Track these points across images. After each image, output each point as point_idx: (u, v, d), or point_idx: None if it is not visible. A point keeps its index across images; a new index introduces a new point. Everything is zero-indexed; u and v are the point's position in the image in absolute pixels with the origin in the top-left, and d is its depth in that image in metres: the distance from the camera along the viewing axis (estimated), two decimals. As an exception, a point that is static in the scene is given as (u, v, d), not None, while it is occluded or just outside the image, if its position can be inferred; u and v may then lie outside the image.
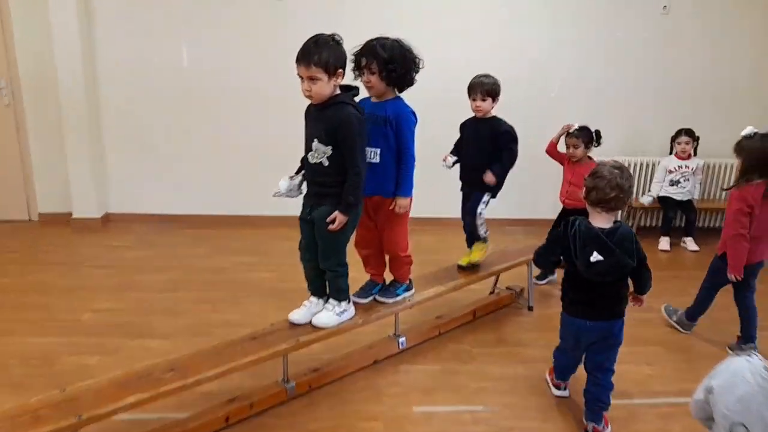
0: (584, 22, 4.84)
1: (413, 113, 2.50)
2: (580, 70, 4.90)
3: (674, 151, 4.78)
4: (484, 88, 2.95)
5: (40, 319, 3.16)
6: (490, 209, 3.19)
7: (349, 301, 2.51)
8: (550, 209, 4.10)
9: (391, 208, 2.51)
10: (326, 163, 2.26)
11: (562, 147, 3.77)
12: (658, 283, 3.79)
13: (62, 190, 4.79)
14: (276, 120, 4.59)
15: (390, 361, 2.82)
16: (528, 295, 3.50)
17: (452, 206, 3.29)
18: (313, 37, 2.18)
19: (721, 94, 5.07)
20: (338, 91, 2.27)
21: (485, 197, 3.09)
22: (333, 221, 2.26)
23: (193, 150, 4.87)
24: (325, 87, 2.19)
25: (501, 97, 3.04)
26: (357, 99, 2.37)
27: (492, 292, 3.61)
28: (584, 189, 2.26)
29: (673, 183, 4.76)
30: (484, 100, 2.97)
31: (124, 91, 4.75)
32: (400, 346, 2.87)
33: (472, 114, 3.08)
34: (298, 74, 2.19)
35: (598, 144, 3.65)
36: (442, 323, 3.11)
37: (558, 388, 2.63)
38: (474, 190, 3.09)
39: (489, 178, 2.97)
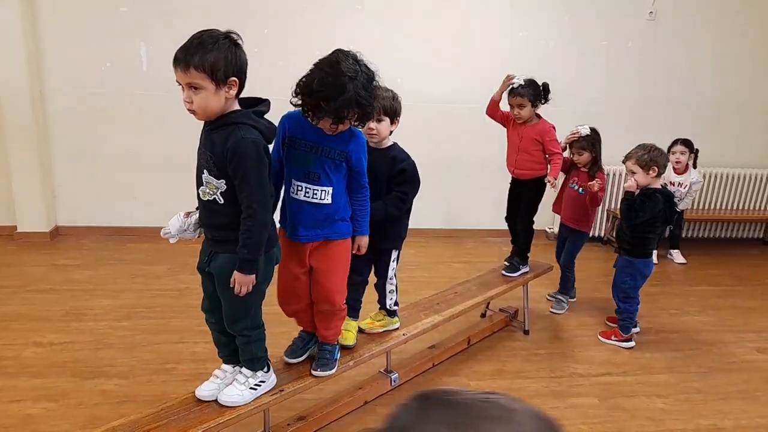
0: (572, 29, 4.68)
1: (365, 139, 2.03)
2: (573, 78, 4.73)
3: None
4: (379, 103, 2.07)
5: (-27, 356, 2.73)
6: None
7: (267, 369, 1.97)
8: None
9: (355, 251, 2.07)
10: (221, 201, 1.73)
11: (505, 106, 3.12)
12: (650, 302, 3.72)
13: (5, 201, 4.32)
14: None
15: (382, 401, 2.52)
16: (524, 317, 3.26)
17: (436, 215, 3.01)
18: (199, 33, 1.65)
19: (713, 102, 4.99)
20: (235, 107, 1.72)
21: (393, 254, 2.37)
22: (239, 284, 1.75)
23: (149, 158, 4.45)
24: (211, 99, 1.65)
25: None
26: (268, 115, 1.77)
27: (483, 315, 3.36)
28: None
29: None
30: (379, 120, 2.15)
31: (74, 97, 4.30)
32: (393, 384, 2.58)
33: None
34: (177, 81, 1.67)
35: (546, 100, 3.05)
36: (435, 354, 2.83)
37: (630, 338, 3.13)
38: (376, 247, 2.23)
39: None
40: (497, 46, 4.58)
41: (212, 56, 1.62)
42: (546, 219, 4.99)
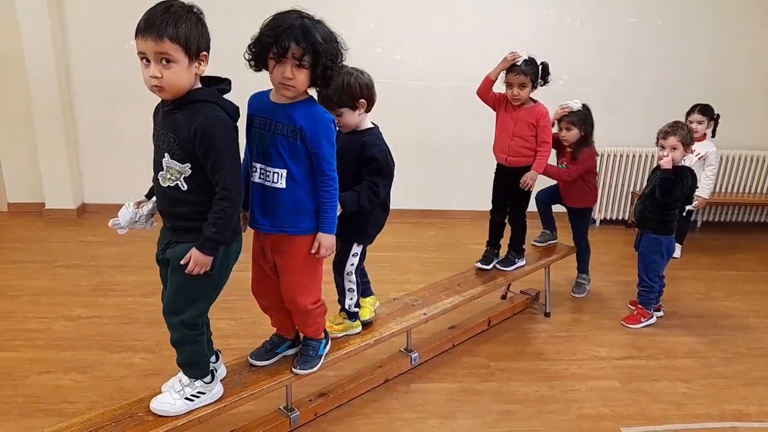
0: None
1: (333, 121, 1.79)
2: (589, 60, 4.63)
3: None
4: (336, 97, 1.97)
5: (5, 328, 2.80)
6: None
7: (211, 380, 1.80)
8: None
9: (313, 251, 1.82)
10: (184, 187, 1.61)
11: (500, 87, 2.86)
12: (675, 286, 3.67)
13: (34, 178, 4.41)
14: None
15: (402, 380, 2.54)
16: (546, 300, 3.24)
17: (456, 197, 2.96)
18: (163, 3, 1.52)
19: (741, 84, 4.84)
20: (198, 85, 1.61)
21: (355, 248, 2.18)
22: (194, 263, 1.61)
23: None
24: (183, 75, 1.53)
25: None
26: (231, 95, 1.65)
27: (504, 297, 3.35)
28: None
29: None
30: (339, 115, 2.00)
31: (100, 75, 4.34)
32: (413, 363, 2.59)
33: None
34: (139, 53, 1.52)
35: (546, 82, 2.80)
36: (455, 335, 2.83)
37: (657, 310, 3.20)
38: (341, 236, 2.04)
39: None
40: (523, 24, 4.49)
41: (185, 28, 1.51)
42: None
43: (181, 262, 1.61)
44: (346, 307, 2.24)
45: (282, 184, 1.76)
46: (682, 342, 3.01)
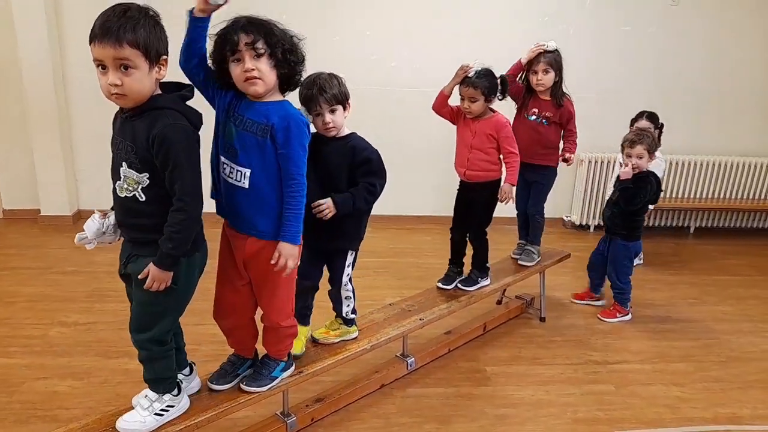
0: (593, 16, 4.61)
1: (307, 125, 1.73)
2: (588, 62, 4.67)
3: None
4: (328, 94, 1.91)
5: (1, 335, 2.80)
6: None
7: (178, 392, 1.75)
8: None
9: (273, 262, 1.69)
10: (142, 197, 1.55)
11: (457, 100, 2.74)
12: (668, 291, 3.71)
13: (29, 184, 4.41)
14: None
15: (398, 385, 2.55)
16: (540, 304, 3.26)
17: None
18: (118, 5, 1.46)
19: (735, 90, 4.90)
20: (159, 91, 1.56)
21: (349, 258, 2.15)
22: (152, 279, 1.55)
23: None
24: (145, 81, 1.48)
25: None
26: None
27: (499, 302, 3.37)
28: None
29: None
30: (332, 111, 1.94)
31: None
32: (409, 368, 2.60)
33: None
34: (95, 60, 1.47)
35: (504, 96, 2.66)
36: (451, 340, 2.84)
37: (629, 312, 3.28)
38: (330, 247, 2.09)
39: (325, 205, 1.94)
40: (518, 33, 4.53)
41: (144, 32, 1.45)
42: (563, 206, 4.98)
43: (139, 277, 1.55)
44: (344, 314, 2.22)
45: (245, 183, 1.68)
46: (676, 346, 3.04)
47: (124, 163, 1.55)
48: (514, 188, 2.68)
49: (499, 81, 2.61)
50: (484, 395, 2.51)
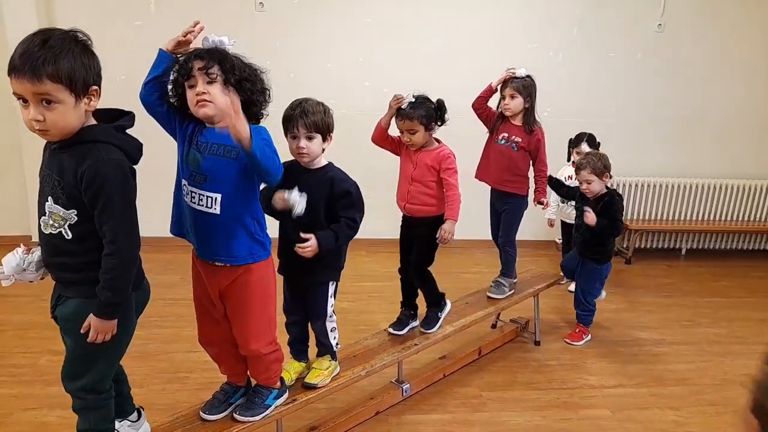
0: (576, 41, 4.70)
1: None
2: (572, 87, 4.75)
3: (571, 160, 3.83)
4: (309, 119, 1.87)
5: (-11, 364, 2.76)
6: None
7: None
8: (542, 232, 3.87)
9: (82, 332, 1.48)
10: (68, 235, 1.44)
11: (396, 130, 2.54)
12: (661, 313, 3.71)
13: (20, 211, 4.39)
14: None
15: (393, 411, 2.53)
16: (535, 328, 3.26)
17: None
18: (39, 34, 1.34)
19: (721, 114, 4.98)
20: (91, 121, 1.45)
21: (331, 288, 2.07)
22: (96, 331, 1.46)
23: (162, 168, 4.49)
24: (70, 115, 1.37)
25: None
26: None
27: (494, 326, 3.36)
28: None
29: (565, 200, 3.78)
30: (309, 138, 1.89)
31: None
32: (404, 394, 2.58)
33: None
34: (15, 93, 1.36)
35: (443, 121, 2.45)
36: (446, 365, 2.83)
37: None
38: (311, 281, 2.03)
39: (309, 247, 1.86)
40: (506, 59, 4.60)
41: (67, 63, 1.33)
42: (555, 229, 4.99)
43: (81, 332, 1.45)
44: (333, 346, 2.14)
45: (216, 209, 1.64)
46: (672, 369, 3.03)
47: (50, 198, 1.44)
48: (455, 225, 2.44)
49: (435, 106, 2.42)
50: (481, 421, 2.49)
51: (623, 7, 4.68)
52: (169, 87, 1.66)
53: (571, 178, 3.66)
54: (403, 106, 2.39)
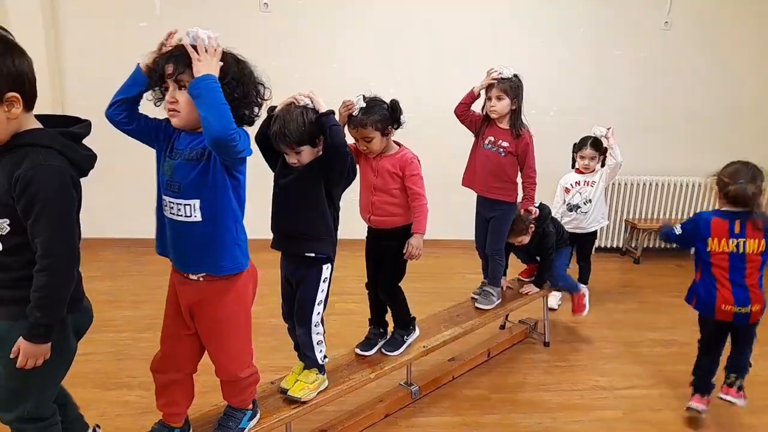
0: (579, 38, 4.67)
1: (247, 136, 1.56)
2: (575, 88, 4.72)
3: (575, 166, 3.72)
4: (286, 140, 1.80)
5: (-3, 367, 2.75)
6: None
7: None
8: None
9: (12, 356, 1.39)
10: (0, 247, 1.35)
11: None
12: (672, 314, 3.67)
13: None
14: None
15: (403, 414, 2.50)
16: (544, 329, 3.23)
17: (445, 227, 2.89)
18: None
19: (728, 112, 4.94)
20: (33, 125, 1.36)
21: (325, 271, 1.94)
22: (26, 356, 1.36)
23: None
24: None
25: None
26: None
27: (503, 327, 3.33)
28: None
29: (572, 208, 3.64)
30: (298, 152, 1.84)
31: (92, 111, 4.33)
32: (414, 396, 2.55)
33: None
34: None
35: (399, 124, 2.21)
36: (455, 367, 2.80)
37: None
38: (306, 252, 1.91)
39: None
40: (513, 58, 4.58)
41: None
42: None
43: (11, 356, 1.34)
44: (319, 360, 2.02)
45: (197, 216, 1.54)
46: (684, 371, 2.97)
47: None
48: (423, 238, 2.25)
49: (389, 108, 2.18)
50: (491, 423, 2.47)
51: (630, 5, 4.65)
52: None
53: (578, 184, 3.63)
54: (354, 113, 2.14)
